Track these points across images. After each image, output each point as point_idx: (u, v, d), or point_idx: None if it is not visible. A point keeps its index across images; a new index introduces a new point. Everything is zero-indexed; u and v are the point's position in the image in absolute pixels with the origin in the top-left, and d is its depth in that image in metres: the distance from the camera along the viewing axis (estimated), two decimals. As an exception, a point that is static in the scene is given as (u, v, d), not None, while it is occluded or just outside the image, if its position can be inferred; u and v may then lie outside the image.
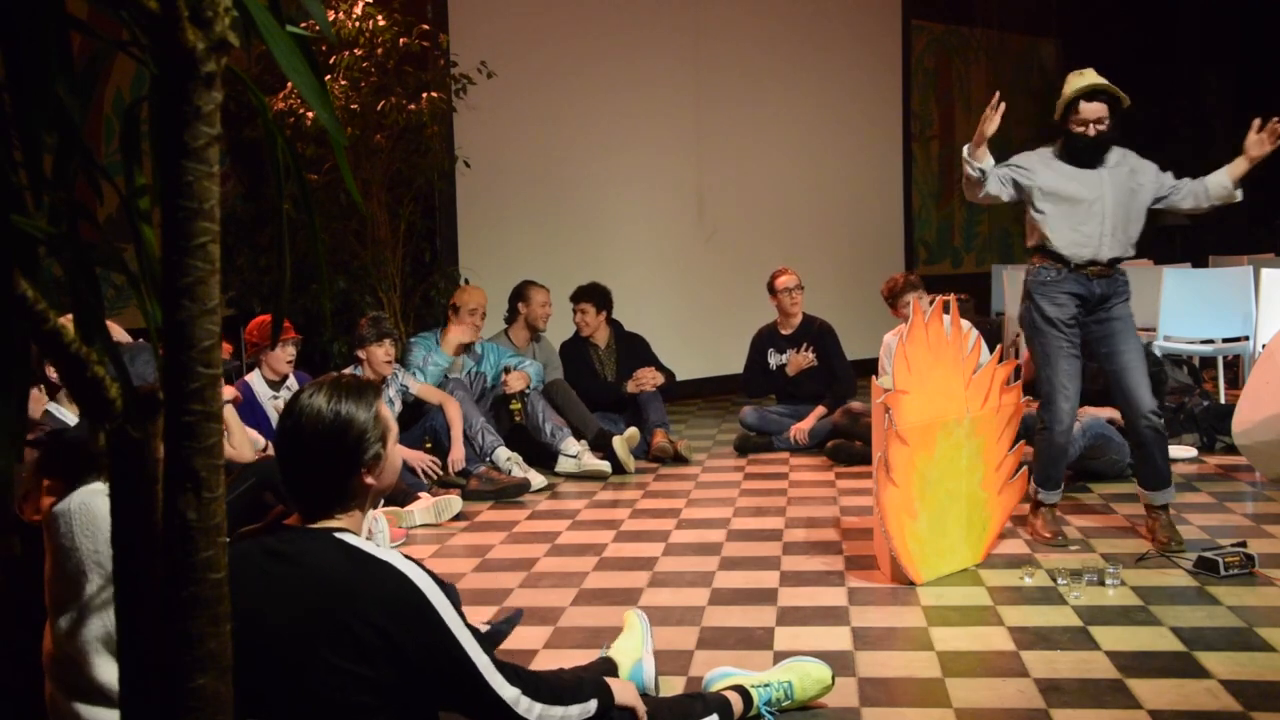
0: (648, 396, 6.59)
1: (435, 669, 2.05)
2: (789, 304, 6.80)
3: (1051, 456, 4.38)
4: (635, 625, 3.07)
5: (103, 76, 6.23)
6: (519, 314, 6.64)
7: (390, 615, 2.00)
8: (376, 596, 2.00)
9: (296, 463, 2.11)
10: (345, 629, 1.98)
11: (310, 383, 2.18)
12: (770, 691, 2.84)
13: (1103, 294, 4.27)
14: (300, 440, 2.08)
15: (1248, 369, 6.65)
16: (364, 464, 2.10)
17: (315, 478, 2.10)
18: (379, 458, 2.11)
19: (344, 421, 2.06)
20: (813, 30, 9.43)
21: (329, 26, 1.58)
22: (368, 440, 2.09)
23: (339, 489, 2.10)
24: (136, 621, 1.56)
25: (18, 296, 1.34)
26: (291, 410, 2.10)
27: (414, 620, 2.01)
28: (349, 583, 2.01)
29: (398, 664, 2.01)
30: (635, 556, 4.45)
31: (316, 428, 2.06)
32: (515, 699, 2.13)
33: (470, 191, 7.59)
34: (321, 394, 2.09)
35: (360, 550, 2.06)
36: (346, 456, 2.08)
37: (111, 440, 1.50)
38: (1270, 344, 4.83)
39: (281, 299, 1.82)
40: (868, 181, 9.94)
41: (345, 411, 2.07)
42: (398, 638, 2.00)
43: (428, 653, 2.03)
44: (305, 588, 2.02)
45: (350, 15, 6.27)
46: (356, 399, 2.09)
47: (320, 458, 2.08)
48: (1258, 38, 10.99)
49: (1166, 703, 2.87)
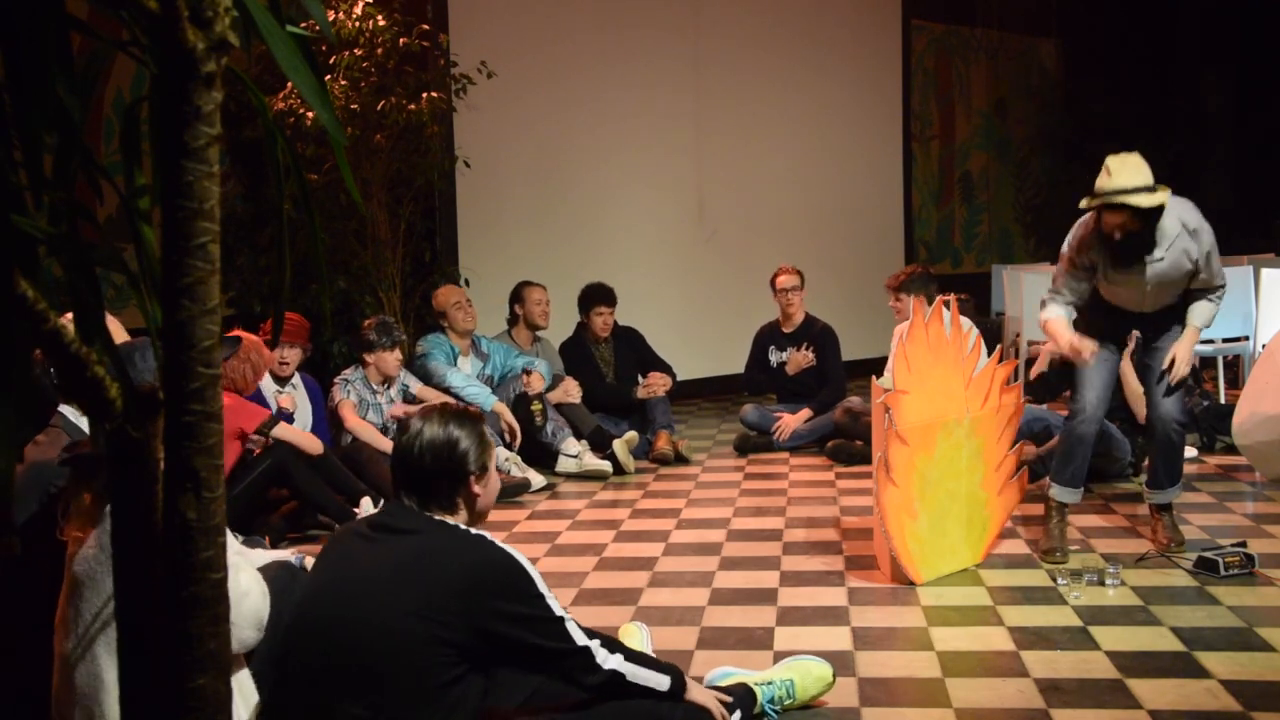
0: (655, 399, 6.60)
1: (523, 628, 2.26)
2: (785, 304, 6.83)
3: (1068, 446, 4.26)
4: (635, 635, 3.11)
5: (103, 76, 6.22)
6: (518, 315, 6.66)
7: (486, 576, 2.23)
8: (477, 558, 2.25)
9: (412, 471, 2.38)
10: (437, 591, 2.19)
11: (422, 408, 2.55)
12: (773, 690, 2.85)
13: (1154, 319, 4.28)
14: (415, 453, 2.36)
15: (1248, 369, 6.65)
16: (472, 472, 2.38)
17: (428, 483, 2.36)
18: (485, 469, 2.41)
19: (455, 438, 2.38)
20: (813, 30, 9.42)
21: (329, 26, 1.58)
22: (474, 454, 2.38)
23: (449, 492, 2.37)
24: (136, 621, 1.56)
25: (18, 296, 1.34)
26: (408, 429, 2.41)
27: (508, 582, 2.25)
28: (446, 549, 2.26)
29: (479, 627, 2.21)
30: (635, 556, 4.45)
31: (433, 441, 2.36)
32: (597, 648, 2.34)
33: (470, 191, 7.59)
34: (436, 418, 2.40)
35: (460, 527, 2.34)
36: (457, 466, 2.36)
37: (111, 440, 1.50)
38: (1270, 344, 4.83)
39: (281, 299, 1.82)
40: (868, 181, 9.93)
41: (455, 431, 2.38)
42: (491, 601, 2.22)
43: (519, 615, 2.25)
44: (403, 551, 2.26)
45: (350, 15, 6.26)
46: (464, 422, 2.41)
47: (433, 468, 2.36)
48: (1258, 38, 10.99)
49: (1166, 703, 2.87)
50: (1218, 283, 4.17)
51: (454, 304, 6.21)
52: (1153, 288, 4.14)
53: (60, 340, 1.40)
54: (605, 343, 6.84)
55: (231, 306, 6.49)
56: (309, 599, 2.34)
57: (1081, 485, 4.30)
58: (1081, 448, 4.24)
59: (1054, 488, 4.29)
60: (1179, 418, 4.19)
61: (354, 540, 2.38)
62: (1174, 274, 4.11)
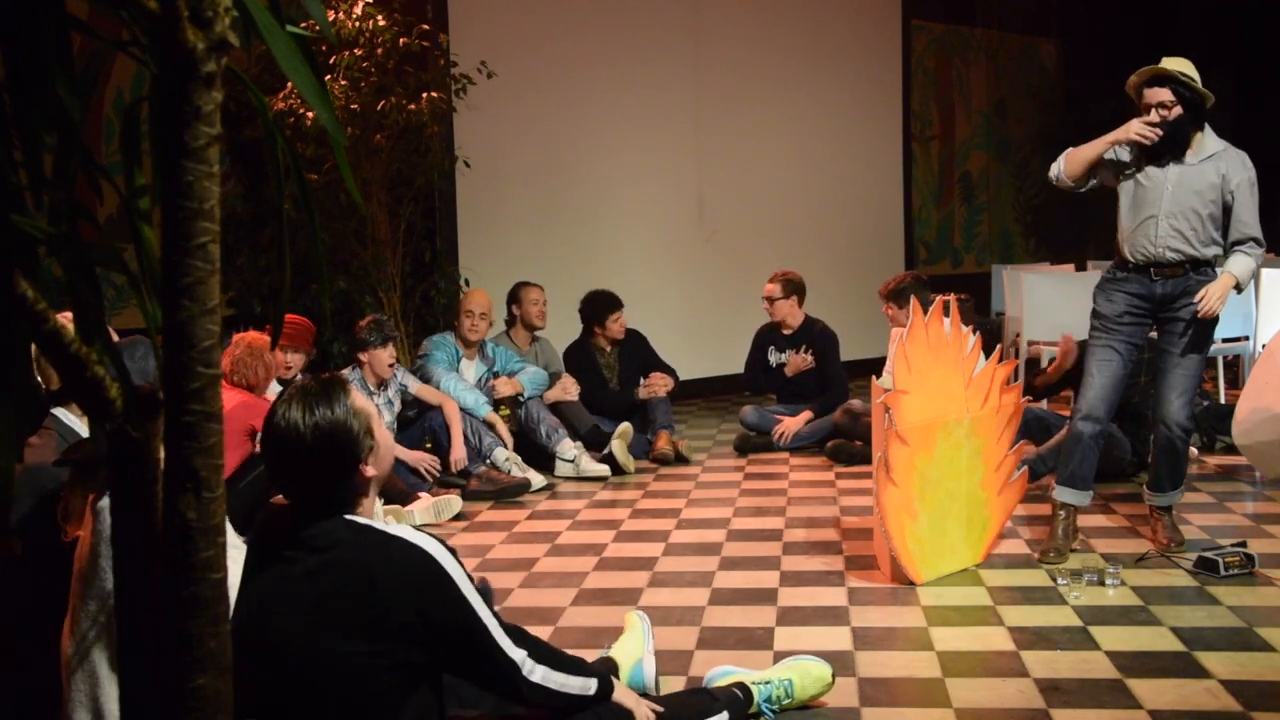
0: (656, 399, 6.60)
1: (451, 637, 2.10)
2: (767, 311, 6.89)
3: (1067, 444, 4.24)
4: (636, 626, 3.07)
5: (103, 76, 6.22)
6: (515, 316, 6.66)
7: (413, 597, 2.03)
8: (394, 574, 2.03)
9: (293, 478, 2.11)
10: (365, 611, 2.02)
11: (277, 399, 2.14)
12: (770, 689, 2.84)
13: (1167, 294, 4.12)
14: (291, 458, 2.08)
15: (1248, 369, 6.65)
16: (360, 458, 2.11)
17: (317, 487, 2.10)
18: (372, 448, 2.13)
19: (327, 428, 2.06)
20: (813, 30, 9.42)
21: (329, 26, 1.58)
22: (356, 436, 2.09)
23: (341, 489, 2.12)
24: (136, 621, 1.56)
25: (18, 296, 1.33)
26: (272, 432, 2.08)
27: (432, 593, 2.05)
28: (365, 564, 2.04)
29: (418, 639, 2.05)
30: (635, 556, 4.45)
31: (303, 443, 2.05)
32: (522, 660, 2.18)
33: (470, 191, 7.59)
34: (295, 408, 2.07)
35: (373, 528, 2.09)
36: (342, 458, 2.09)
37: (111, 440, 1.50)
38: (1270, 344, 4.83)
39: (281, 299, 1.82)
40: (868, 181, 9.93)
41: (324, 418, 2.06)
42: (420, 616, 2.04)
43: (445, 622, 2.08)
44: (321, 572, 2.05)
45: (350, 15, 6.26)
46: (329, 401, 2.08)
47: (317, 468, 2.08)
48: (1258, 38, 10.99)
49: (1166, 703, 2.87)
50: (1250, 232, 4.05)
51: (466, 311, 6.19)
52: (1174, 189, 4.05)
53: (60, 340, 1.40)
54: (611, 349, 6.83)
55: (231, 306, 6.49)
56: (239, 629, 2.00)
57: (1086, 488, 4.21)
58: (1079, 447, 4.18)
59: (1056, 487, 4.26)
60: (1184, 423, 4.16)
61: (273, 563, 2.10)
62: (1200, 185, 4.05)
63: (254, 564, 2.14)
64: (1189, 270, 4.09)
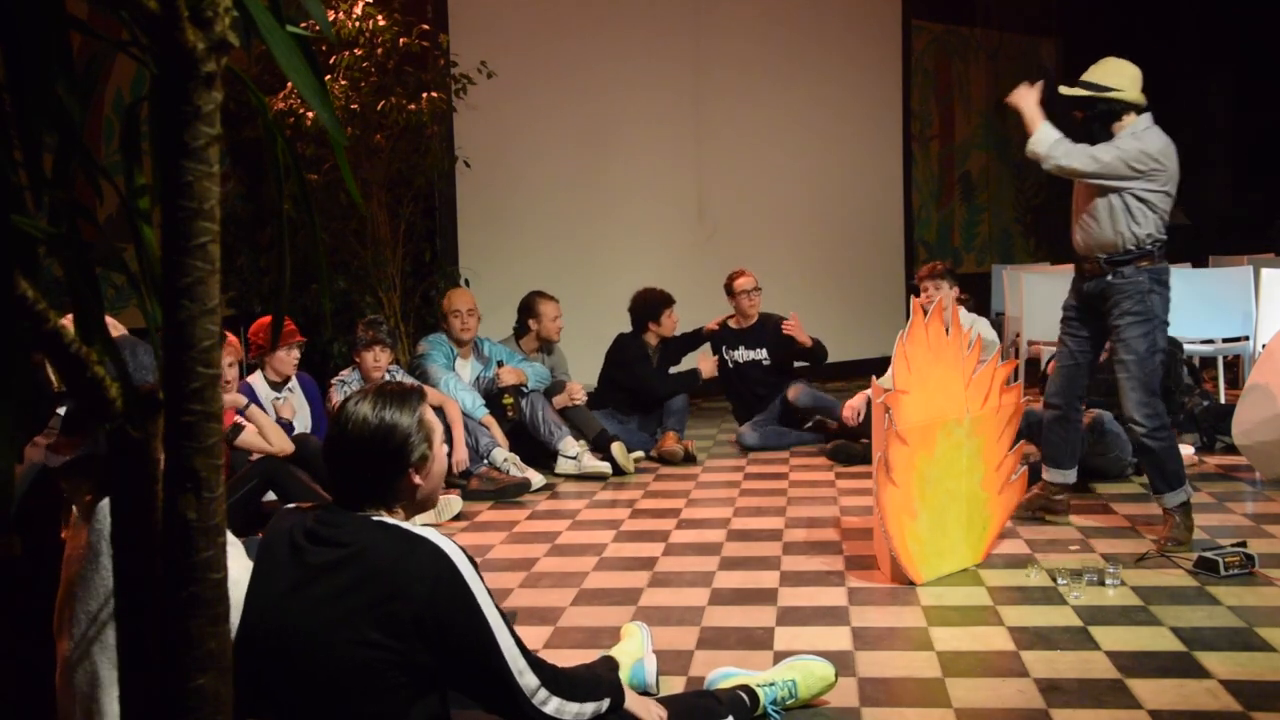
0: (676, 401, 6.60)
1: (463, 649, 2.08)
2: (748, 305, 6.92)
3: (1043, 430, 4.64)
4: (635, 634, 3.10)
5: (103, 76, 6.22)
6: (530, 329, 6.58)
7: (429, 591, 2.03)
8: (413, 566, 2.04)
9: (342, 465, 2.18)
10: (382, 604, 2.02)
11: (356, 391, 2.28)
12: (775, 690, 2.84)
13: (1093, 294, 4.34)
14: (346, 444, 2.15)
15: (1248, 369, 6.64)
16: (411, 464, 2.16)
17: (361, 478, 2.16)
18: (425, 459, 2.18)
19: (390, 424, 2.14)
20: (812, 30, 9.42)
21: (329, 26, 1.58)
22: (412, 441, 2.16)
23: (385, 488, 2.16)
24: (136, 621, 1.56)
25: (18, 296, 1.33)
26: (338, 419, 2.18)
27: (450, 598, 2.04)
28: (387, 555, 2.05)
29: (429, 640, 2.04)
30: (635, 556, 4.45)
31: (361, 432, 2.13)
32: (535, 689, 2.14)
33: (470, 191, 7.59)
34: (366, 402, 2.16)
35: (399, 526, 2.11)
36: (393, 457, 2.14)
37: (111, 440, 1.50)
38: (1270, 344, 4.84)
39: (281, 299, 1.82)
40: (868, 181, 9.93)
41: (390, 416, 2.14)
42: (434, 614, 2.03)
43: (459, 633, 2.06)
44: (342, 565, 2.06)
45: (350, 15, 6.26)
46: (400, 404, 2.17)
47: (366, 460, 2.14)
48: (1258, 38, 10.99)
49: (1166, 703, 2.87)
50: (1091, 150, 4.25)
51: (453, 312, 6.16)
52: (1084, 187, 4.33)
53: (60, 340, 1.40)
54: (657, 346, 6.88)
55: (231, 306, 6.49)
56: (247, 623, 2.08)
57: (1067, 466, 4.57)
58: (1047, 431, 4.58)
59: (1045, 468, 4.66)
60: (1141, 420, 4.19)
61: (289, 555, 2.11)
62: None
63: (268, 560, 2.16)
64: (1106, 268, 4.29)
